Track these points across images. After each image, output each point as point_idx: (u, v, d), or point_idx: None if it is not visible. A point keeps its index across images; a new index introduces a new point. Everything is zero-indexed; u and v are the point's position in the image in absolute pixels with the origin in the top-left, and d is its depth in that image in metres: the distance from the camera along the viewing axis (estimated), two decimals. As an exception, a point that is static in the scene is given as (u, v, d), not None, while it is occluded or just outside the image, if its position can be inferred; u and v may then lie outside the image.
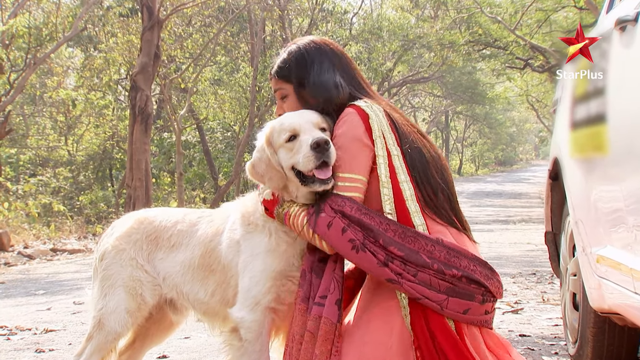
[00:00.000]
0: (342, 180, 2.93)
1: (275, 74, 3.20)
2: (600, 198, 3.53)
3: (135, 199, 16.47)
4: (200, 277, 3.33)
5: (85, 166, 25.05)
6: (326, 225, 2.84)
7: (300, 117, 3.03)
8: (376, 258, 2.79)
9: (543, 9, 23.48)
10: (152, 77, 17.32)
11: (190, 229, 3.42)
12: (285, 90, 3.17)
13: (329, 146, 2.88)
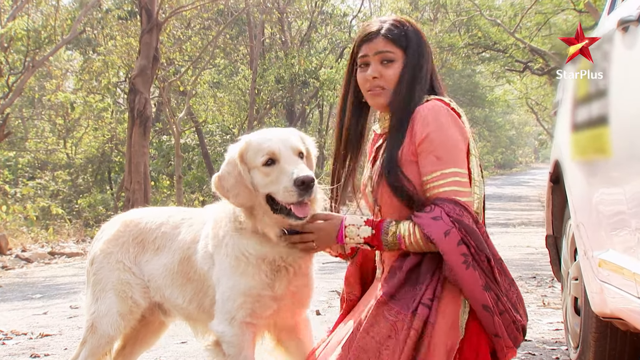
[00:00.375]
0: (460, 176, 2.82)
1: (388, 34, 2.96)
2: (602, 201, 3.49)
3: (134, 202, 16.41)
4: (179, 283, 3.28)
5: (84, 169, 25.02)
6: (443, 233, 2.70)
7: (279, 139, 2.93)
8: (481, 279, 2.70)
9: (542, 12, 23.47)
10: (151, 80, 17.29)
11: (172, 231, 3.37)
12: (393, 55, 2.95)
13: (313, 184, 2.80)
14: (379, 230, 2.84)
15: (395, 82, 2.95)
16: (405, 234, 2.78)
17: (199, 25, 23.81)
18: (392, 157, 2.88)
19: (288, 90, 25.35)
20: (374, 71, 2.95)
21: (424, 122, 2.83)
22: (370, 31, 2.99)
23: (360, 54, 3.00)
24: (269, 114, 26.99)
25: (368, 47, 2.97)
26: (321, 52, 27.80)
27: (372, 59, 2.96)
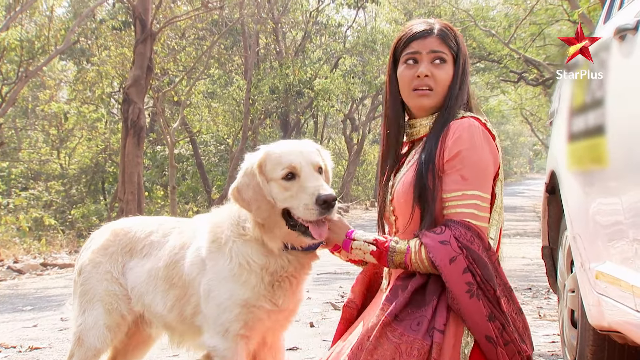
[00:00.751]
0: (482, 200, 2.74)
1: (442, 35, 2.89)
2: (599, 212, 3.43)
3: (128, 212, 16.30)
4: (162, 289, 3.21)
5: (78, 179, 24.94)
6: (449, 260, 2.63)
7: (300, 153, 2.86)
8: (486, 309, 2.62)
9: (537, 22, 23.53)
10: (145, 90, 17.24)
11: (161, 239, 3.31)
12: (446, 56, 2.88)
13: (335, 203, 2.74)
14: (385, 249, 2.78)
15: (444, 85, 2.87)
16: (413, 251, 2.71)
17: (194, 36, 23.79)
18: (431, 158, 2.79)
19: (282, 101, 25.36)
20: (427, 69, 2.85)
21: (458, 139, 2.76)
22: (423, 28, 2.90)
23: (408, 51, 2.90)
24: (263, 124, 26.96)
25: (421, 43, 2.88)
26: (316, 63, 27.81)
27: (424, 56, 2.87)
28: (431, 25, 2.93)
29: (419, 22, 2.97)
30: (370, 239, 2.80)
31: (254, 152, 2.98)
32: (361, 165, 41.33)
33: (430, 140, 2.84)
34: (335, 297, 7.71)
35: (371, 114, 35.42)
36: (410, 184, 2.82)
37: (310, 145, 2.99)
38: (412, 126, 2.99)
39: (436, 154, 2.78)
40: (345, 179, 32.81)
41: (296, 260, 2.97)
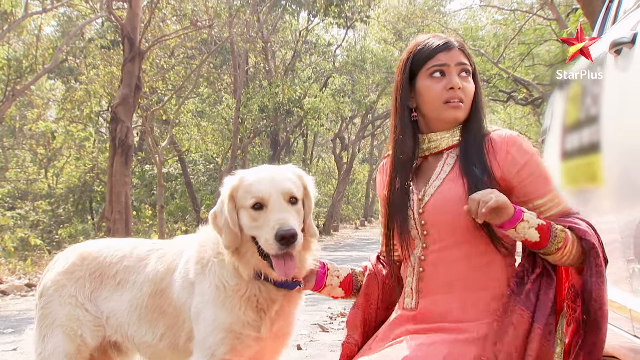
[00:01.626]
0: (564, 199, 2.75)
1: (463, 49, 2.84)
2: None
3: (115, 231, 16.15)
4: (149, 319, 3.07)
5: (65, 199, 24.73)
6: (599, 242, 2.63)
7: (271, 182, 2.75)
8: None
9: (525, 42, 23.65)
10: (133, 109, 17.11)
11: (138, 264, 3.16)
12: (470, 68, 2.83)
13: (294, 240, 2.63)
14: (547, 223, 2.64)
15: (471, 97, 2.82)
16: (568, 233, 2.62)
17: (183, 54, 23.75)
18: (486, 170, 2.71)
19: (272, 119, 25.36)
20: (458, 81, 2.78)
21: (521, 149, 2.71)
22: (446, 40, 2.83)
23: (434, 63, 2.80)
24: (252, 143, 26.90)
25: (447, 55, 2.80)
26: (305, 81, 27.84)
27: (452, 69, 2.79)
28: (448, 38, 2.87)
29: (433, 36, 2.90)
30: (539, 222, 2.62)
31: (230, 177, 2.90)
32: (351, 184, 41.33)
33: (472, 152, 2.76)
34: (324, 319, 7.57)
35: (361, 132, 35.44)
36: (455, 198, 2.72)
37: (287, 172, 2.86)
38: (429, 140, 2.87)
39: (490, 166, 2.71)
40: (335, 198, 32.77)
41: (267, 292, 2.87)
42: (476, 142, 2.76)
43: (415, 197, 2.84)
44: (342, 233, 32.31)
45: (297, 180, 2.85)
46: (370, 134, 37.76)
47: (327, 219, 31.59)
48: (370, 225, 39.07)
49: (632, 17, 3.06)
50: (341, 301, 8.95)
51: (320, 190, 37.58)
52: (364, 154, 43.93)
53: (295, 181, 2.83)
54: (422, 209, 2.81)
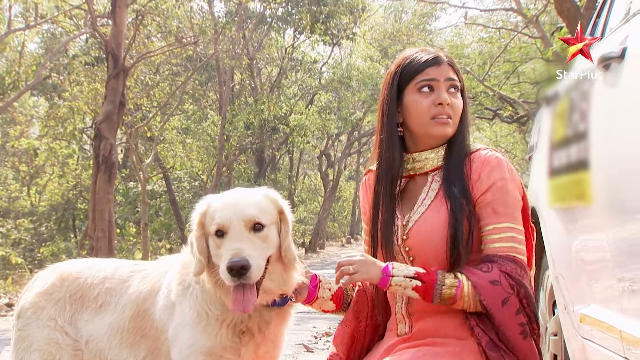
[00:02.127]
0: (517, 233, 2.62)
1: (452, 64, 2.78)
2: (583, 250, 3.24)
3: (98, 250, 15.93)
4: (130, 342, 2.96)
5: (48, 217, 24.47)
6: (501, 302, 2.50)
7: (233, 208, 2.67)
8: (536, 347, 2.55)
9: (511, 60, 23.70)
10: (117, 126, 16.96)
11: (120, 286, 3.06)
12: (459, 84, 2.76)
13: (246, 271, 2.53)
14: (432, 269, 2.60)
15: (459, 114, 2.75)
16: (466, 290, 2.55)
17: (168, 71, 23.64)
18: (463, 194, 2.64)
19: (258, 136, 25.29)
20: (447, 97, 2.70)
21: (493, 172, 2.65)
22: (435, 55, 2.76)
23: (423, 77, 2.72)
24: (238, 160, 26.78)
25: (437, 70, 2.73)
26: (291, 98, 27.81)
27: (441, 84, 2.72)
28: (438, 53, 2.80)
29: (422, 50, 2.82)
30: (412, 273, 2.58)
31: (200, 203, 2.83)
32: (337, 201, 41.25)
33: (453, 174, 2.69)
34: (309, 338, 7.45)
35: (347, 150, 35.41)
36: (439, 226, 2.65)
37: (255, 197, 2.77)
38: (414, 160, 2.79)
39: (469, 188, 2.65)
40: (320, 215, 32.65)
41: (259, 315, 2.78)
42: (459, 162, 2.70)
43: (400, 222, 2.76)
44: (328, 251, 32.17)
45: (269, 204, 2.76)
46: (357, 151, 37.73)
47: (313, 236, 31.46)
48: (357, 243, 38.90)
49: (621, 31, 2.98)
50: (326, 320, 8.83)
51: (306, 208, 37.62)
52: (350, 172, 43.87)
53: (264, 206, 2.73)
54: (406, 235, 2.73)
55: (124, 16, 16.74)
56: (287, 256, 2.75)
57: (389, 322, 2.86)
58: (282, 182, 29.85)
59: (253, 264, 2.54)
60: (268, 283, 2.72)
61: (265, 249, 2.67)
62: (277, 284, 2.75)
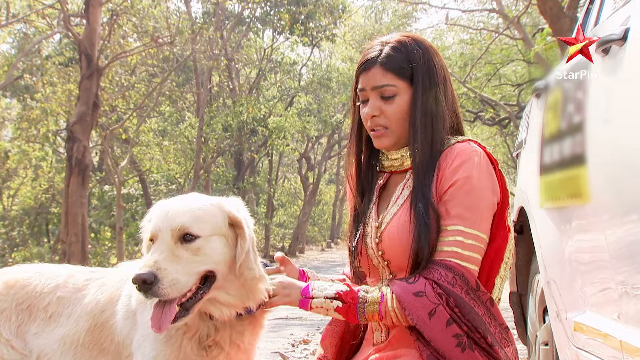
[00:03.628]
0: (465, 237, 2.36)
1: (386, 62, 2.48)
2: (578, 252, 3.02)
3: (70, 255, 15.65)
4: (86, 358, 2.67)
5: (20, 221, 24.05)
6: (427, 314, 2.28)
7: (164, 215, 2.40)
8: (493, 357, 2.31)
9: (492, 62, 23.62)
10: (91, 127, 16.68)
11: (74, 295, 2.77)
12: (394, 89, 2.47)
13: (151, 285, 2.25)
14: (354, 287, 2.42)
15: (398, 119, 2.49)
16: (387, 298, 2.35)
17: (144, 73, 23.33)
18: (427, 198, 2.42)
19: (236, 139, 25.10)
20: (374, 109, 2.49)
21: (457, 168, 2.41)
22: (367, 58, 2.52)
23: (358, 87, 2.54)
24: (216, 163, 26.54)
25: (365, 78, 2.52)
26: (270, 100, 27.68)
27: (370, 93, 2.51)
28: (380, 48, 2.53)
29: (373, 45, 2.58)
30: (332, 293, 2.40)
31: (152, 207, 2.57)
32: (317, 205, 41.09)
33: (419, 174, 2.47)
34: (285, 346, 7.20)
35: (327, 153, 35.33)
36: (408, 229, 2.44)
37: (196, 204, 2.48)
38: (388, 157, 2.61)
39: (432, 190, 2.42)
40: (300, 219, 32.49)
41: (229, 327, 2.52)
42: (421, 163, 2.47)
43: (373, 223, 2.56)
44: (307, 255, 31.99)
45: (213, 214, 2.46)
46: (337, 154, 37.65)
47: (293, 240, 31.30)
48: (337, 247, 38.87)
49: (623, 11, 2.72)
50: (304, 327, 8.58)
51: (285, 212, 37.44)
52: (331, 175, 43.77)
53: (204, 216, 2.43)
54: (378, 237, 2.53)
55: (98, 15, 16.49)
56: (244, 274, 2.46)
57: (367, 332, 2.69)
58: (261, 186, 29.63)
59: (164, 277, 2.26)
60: (227, 297, 2.46)
61: (196, 263, 2.37)
62: (239, 297, 2.49)
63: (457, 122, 2.61)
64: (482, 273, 2.43)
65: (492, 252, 2.45)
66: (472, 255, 2.37)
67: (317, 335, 7.64)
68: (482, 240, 2.40)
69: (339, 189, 40.12)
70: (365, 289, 2.41)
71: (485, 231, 2.41)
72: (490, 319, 2.35)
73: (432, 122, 2.48)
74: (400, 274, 2.49)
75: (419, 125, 2.47)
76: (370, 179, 2.66)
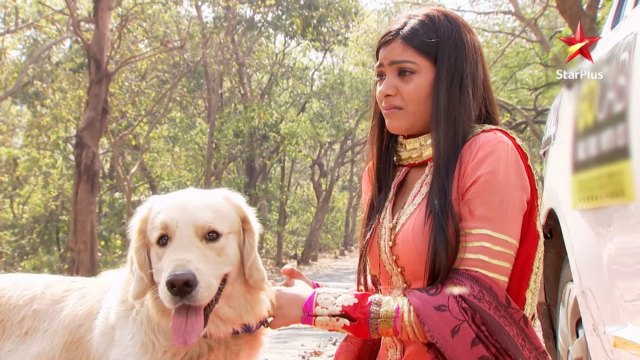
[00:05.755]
0: (492, 242, 2.07)
1: (409, 37, 2.23)
2: (620, 259, 2.72)
3: (79, 263, 15.50)
4: None
5: (30, 229, 23.96)
6: (450, 332, 2.00)
7: (180, 209, 2.12)
8: None
9: (508, 65, 23.36)
10: (100, 133, 16.56)
11: (51, 308, 2.48)
12: (414, 66, 2.23)
13: (192, 288, 1.97)
14: (364, 299, 2.14)
15: (416, 101, 2.22)
16: (403, 312, 2.07)
17: (155, 78, 23.23)
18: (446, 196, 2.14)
19: (248, 145, 25.02)
20: (389, 86, 2.25)
21: (480, 162, 2.12)
22: (388, 30, 2.27)
23: (377, 63, 2.29)
24: (227, 170, 26.41)
25: (384, 53, 2.28)
26: (282, 106, 27.60)
27: (387, 69, 2.25)
28: (405, 21, 2.28)
29: (398, 18, 2.33)
30: (338, 310, 2.13)
31: (142, 205, 2.28)
32: (330, 212, 40.89)
33: (439, 170, 2.18)
34: (296, 359, 6.92)
35: (340, 159, 35.22)
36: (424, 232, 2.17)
37: (212, 198, 2.22)
38: (406, 147, 2.34)
39: (452, 187, 2.13)
40: (313, 226, 32.32)
41: (224, 347, 2.23)
42: (443, 153, 2.18)
43: (388, 223, 2.29)
44: (321, 262, 31.76)
45: (229, 209, 2.22)
46: (350, 160, 37.55)
47: (306, 248, 31.13)
48: (350, 255, 38.79)
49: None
50: (315, 337, 8.28)
51: (298, 219, 37.25)
52: (344, 181, 43.59)
53: (223, 211, 2.19)
54: (392, 240, 2.25)
55: (107, 19, 16.37)
56: (253, 275, 2.22)
57: (380, 348, 2.41)
58: (273, 192, 29.46)
59: (201, 280, 1.99)
60: (226, 310, 2.18)
61: (220, 264, 2.13)
62: (239, 311, 2.21)
63: (491, 110, 2.32)
64: (511, 286, 2.14)
65: (519, 261, 2.16)
66: (500, 264, 2.09)
67: (330, 346, 7.40)
68: (512, 246, 2.11)
69: (352, 195, 39.96)
70: (377, 301, 2.14)
71: (514, 236, 2.12)
72: (524, 341, 2.07)
73: (457, 108, 2.19)
74: (415, 283, 2.23)
75: (442, 110, 2.19)
76: (388, 173, 2.39)
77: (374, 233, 2.35)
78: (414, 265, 2.22)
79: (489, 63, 19.12)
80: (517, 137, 2.23)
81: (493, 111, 2.33)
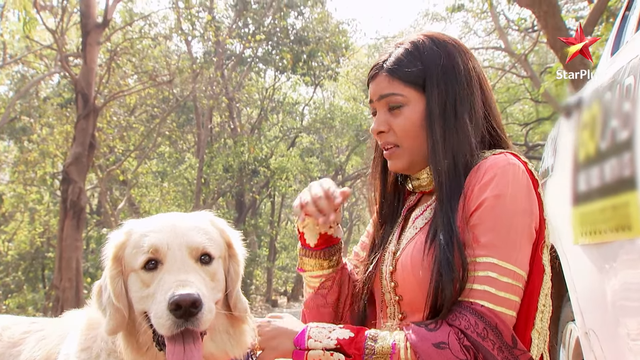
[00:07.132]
0: (499, 272, 1.93)
1: (393, 68, 2.09)
2: (626, 297, 2.58)
3: (64, 301, 15.21)
4: None
5: (15, 267, 23.58)
6: None
7: (171, 231, 1.94)
8: None
9: (499, 101, 23.42)
10: (87, 169, 16.41)
11: (8, 351, 2.28)
12: (402, 98, 2.10)
13: (198, 310, 1.79)
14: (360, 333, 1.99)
15: (409, 134, 2.09)
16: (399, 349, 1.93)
17: (144, 113, 23.13)
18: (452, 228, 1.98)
19: (237, 180, 24.92)
20: (380, 123, 2.14)
21: (487, 183, 1.98)
22: (376, 63, 2.14)
23: (369, 100, 2.17)
24: (217, 205, 26.22)
25: (372, 88, 2.16)
26: (272, 140, 27.51)
27: (377, 105, 2.13)
28: (390, 52, 2.15)
29: (387, 49, 2.20)
30: (333, 344, 1.97)
31: (116, 231, 2.08)
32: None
33: (442, 203, 2.03)
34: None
35: (331, 194, 34.89)
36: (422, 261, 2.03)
37: (199, 221, 2.04)
38: (416, 177, 2.20)
39: (457, 217, 1.98)
40: (304, 263, 31.89)
41: None
42: (443, 185, 2.04)
43: (392, 247, 2.16)
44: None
45: (216, 233, 2.05)
46: (342, 194, 37.24)
47: (296, 284, 30.79)
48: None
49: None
50: None
51: (288, 255, 36.91)
52: (335, 217, 43.30)
53: (211, 233, 2.01)
54: (392, 265, 2.11)
55: (95, 54, 16.32)
56: (238, 306, 2.05)
57: None
58: (263, 228, 29.23)
59: (206, 302, 1.82)
60: (209, 345, 1.98)
61: (214, 289, 1.97)
62: (223, 346, 2.02)
63: (498, 134, 2.16)
64: (517, 325, 1.96)
65: (525, 297, 1.99)
66: (507, 297, 1.93)
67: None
68: (520, 277, 1.95)
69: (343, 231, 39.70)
70: (373, 336, 1.98)
71: (523, 266, 1.96)
72: None
73: (454, 136, 2.04)
74: (412, 316, 2.08)
75: (439, 140, 2.04)
76: (397, 202, 2.29)
77: (377, 263, 2.23)
78: (412, 293, 2.07)
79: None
80: (528, 161, 2.08)
81: (500, 134, 2.18)
